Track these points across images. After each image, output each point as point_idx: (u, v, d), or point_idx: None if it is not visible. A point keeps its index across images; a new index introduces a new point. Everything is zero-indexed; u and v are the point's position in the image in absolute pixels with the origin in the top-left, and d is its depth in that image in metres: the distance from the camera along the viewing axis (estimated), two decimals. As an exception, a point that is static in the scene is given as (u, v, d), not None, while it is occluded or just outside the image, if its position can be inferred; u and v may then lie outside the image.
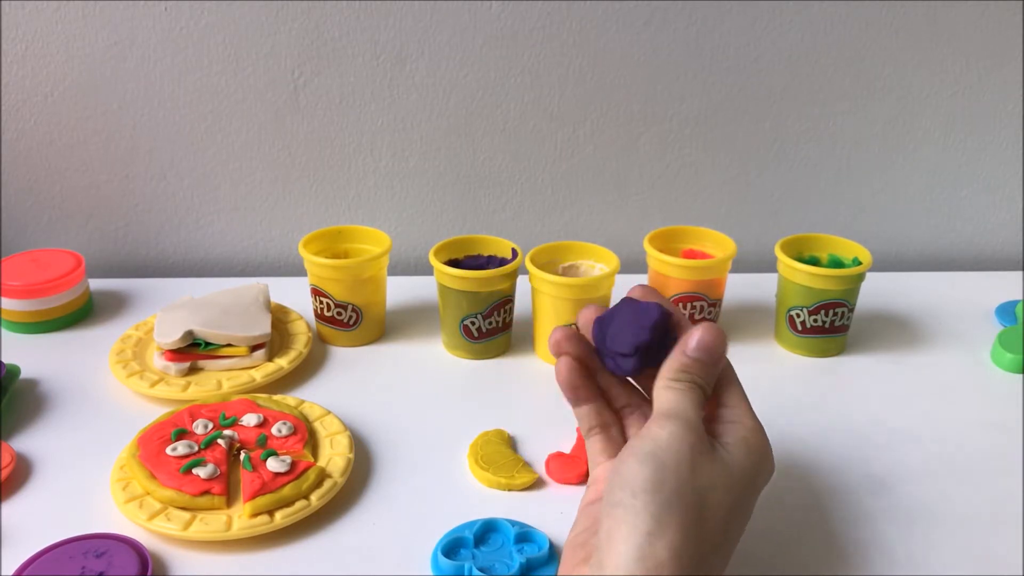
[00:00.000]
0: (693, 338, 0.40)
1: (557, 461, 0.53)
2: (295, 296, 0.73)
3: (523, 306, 0.71)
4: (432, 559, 0.46)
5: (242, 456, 0.51)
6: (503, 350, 0.69)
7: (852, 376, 0.66)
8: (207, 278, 0.82)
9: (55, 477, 0.53)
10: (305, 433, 0.54)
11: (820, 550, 0.48)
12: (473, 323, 0.66)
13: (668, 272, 0.67)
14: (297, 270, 0.84)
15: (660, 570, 0.34)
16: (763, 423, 0.41)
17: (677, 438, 0.37)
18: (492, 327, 0.66)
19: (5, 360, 0.63)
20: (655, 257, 0.67)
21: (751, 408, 0.41)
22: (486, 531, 0.47)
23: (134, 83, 0.76)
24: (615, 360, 0.42)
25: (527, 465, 0.53)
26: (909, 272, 0.85)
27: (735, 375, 0.42)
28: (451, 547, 0.46)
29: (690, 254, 0.70)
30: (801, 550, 0.48)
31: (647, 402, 0.44)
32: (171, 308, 0.65)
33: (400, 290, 0.75)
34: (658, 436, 0.37)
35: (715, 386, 0.41)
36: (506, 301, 0.66)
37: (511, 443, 0.56)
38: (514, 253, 0.67)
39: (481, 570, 0.44)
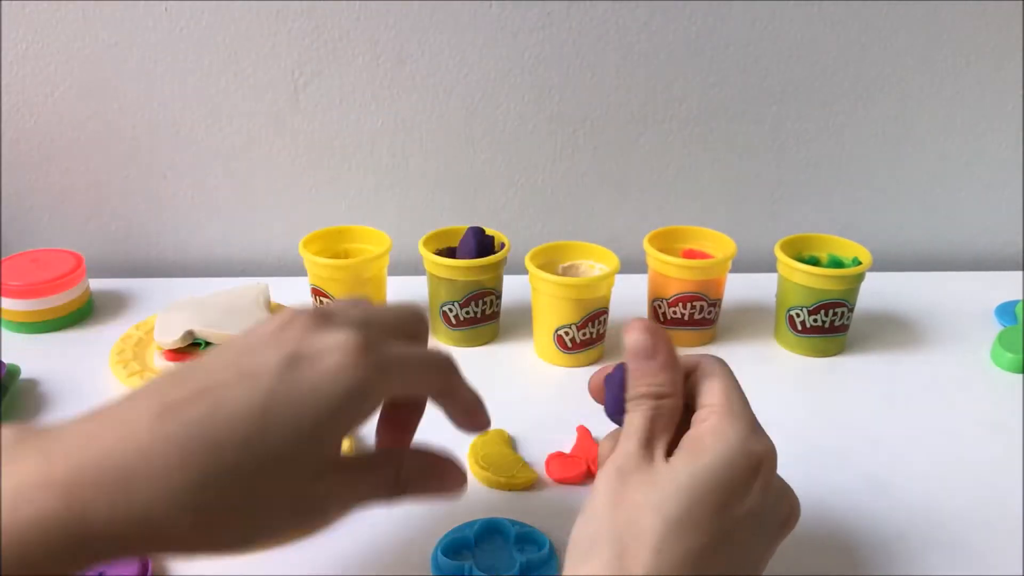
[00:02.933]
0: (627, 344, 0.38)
1: (557, 461, 0.53)
2: (295, 296, 0.73)
3: (523, 306, 0.71)
4: (432, 559, 0.46)
5: (242, 456, 0.51)
6: (485, 340, 0.69)
7: (852, 376, 0.66)
8: (207, 278, 0.82)
9: (55, 477, 0.53)
10: (305, 433, 0.54)
11: (820, 550, 0.48)
12: (451, 310, 0.67)
13: (668, 272, 0.67)
14: (297, 270, 0.83)
15: None
16: (763, 423, 0.41)
17: (603, 478, 0.35)
18: (469, 316, 0.67)
19: (5, 360, 0.63)
20: (655, 257, 0.67)
21: (731, 399, 0.37)
22: (487, 531, 0.47)
23: (134, 83, 0.76)
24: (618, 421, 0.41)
25: (527, 465, 0.54)
26: (909, 272, 0.85)
27: (719, 367, 0.39)
28: (452, 547, 0.46)
29: (690, 254, 0.70)
30: (801, 550, 0.48)
31: None
32: (171, 308, 0.65)
33: (400, 290, 0.75)
34: (595, 482, 0.36)
35: (694, 382, 0.38)
36: (486, 293, 0.66)
37: (511, 443, 0.56)
38: (500, 246, 0.67)
39: (482, 571, 0.44)
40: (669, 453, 0.36)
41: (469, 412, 0.40)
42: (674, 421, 0.37)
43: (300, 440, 0.31)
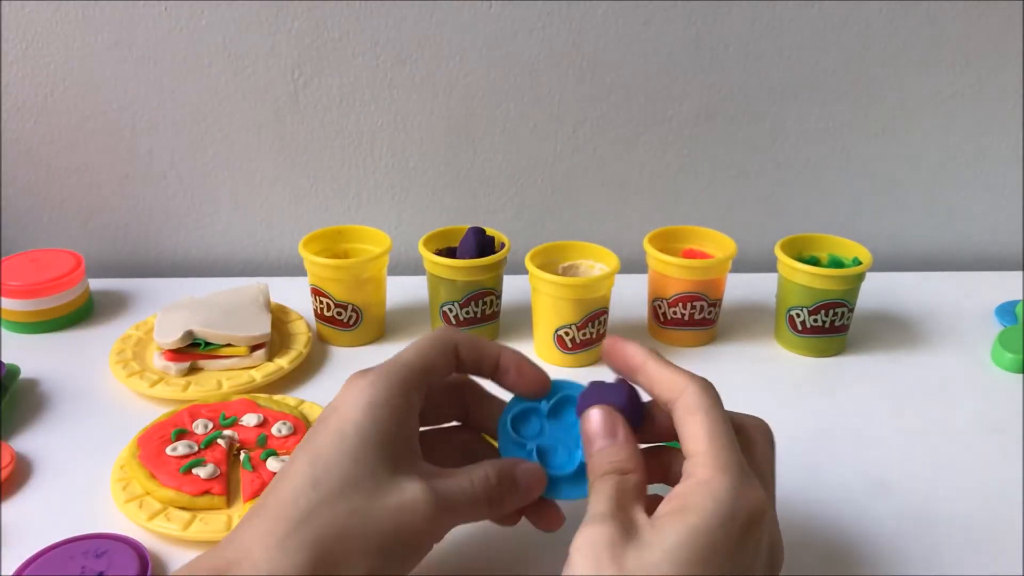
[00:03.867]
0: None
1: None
2: (295, 296, 0.73)
3: (523, 306, 0.71)
4: (500, 425, 0.42)
5: (242, 456, 0.51)
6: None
7: (852, 376, 0.66)
8: (207, 278, 0.82)
9: (55, 477, 0.53)
10: (305, 433, 0.54)
11: (820, 550, 0.48)
12: (451, 310, 0.67)
13: (668, 272, 0.67)
14: (297, 270, 0.84)
15: None
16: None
17: (581, 561, 0.32)
18: (469, 316, 0.67)
19: (5, 360, 0.63)
20: (655, 257, 0.67)
21: (717, 444, 0.35)
22: (560, 405, 0.42)
23: (134, 83, 0.76)
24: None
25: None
26: (909, 272, 0.85)
27: (703, 400, 0.36)
28: (521, 416, 0.42)
29: (690, 254, 0.70)
30: (801, 550, 0.48)
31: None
32: (171, 308, 0.65)
33: (400, 290, 0.75)
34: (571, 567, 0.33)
35: (678, 419, 0.36)
36: (486, 293, 0.66)
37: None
38: (500, 246, 0.67)
39: (540, 453, 0.41)
40: (650, 512, 0.35)
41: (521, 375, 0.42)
42: (643, 494, 0.36)
43: None
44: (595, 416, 0.38)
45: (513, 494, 0.39)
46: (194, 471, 0.49)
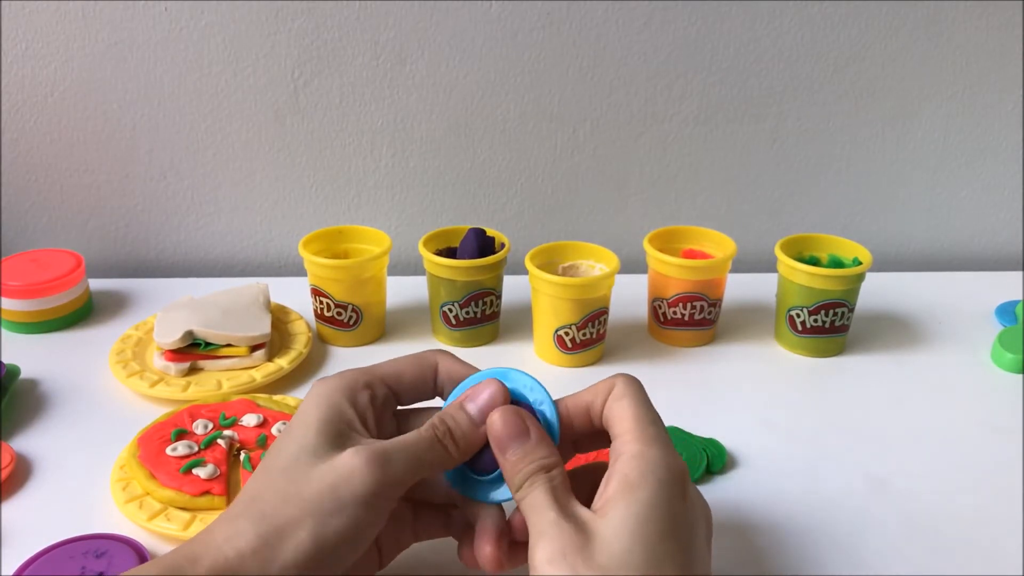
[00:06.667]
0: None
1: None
2: (295, 296, 0.73)
3: (523, 306, 0.71)
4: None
5: (242, 456, 0.51)
6: (485, 341, 0.69)
7: (852, 376, 0.66)
8: (207, 278, 0.82)
9: (55, 477, 0.53)
10: (305, 433, 0.54)
11: (820, 550, 0.48)
12: (451, 310, 0.67)
13: (668, 272, 0.67)
14: (297, 270, 0.84)
15: None
16: (763, 423, 0.40)
17: (546, 566, 0.32)
18: (469, 316, 0.67)
19: (5, 360, 0.63)
20: (655, 257, 0.67)
21: (643, 421, 0.37)
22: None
23: (134, 83, 0.76)
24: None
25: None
26: (909, 272, 0.85)
27: (628, 387, 0.38)
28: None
29: (690, 254, 0.70)
30: (801, 550, 0.48)
31: None
32: (171, 308, 0.65)
33: (400, 290, 0.75)
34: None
35: (606, 408, 0.38)
36: (486, 293, 0.66)
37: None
38: (500, 246, 0.67)
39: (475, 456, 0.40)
40: (586, 503, 0.35)
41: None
42: (568, 484, 0.36)
43: None
44: (498, 419, 0.38)
45: (460, 427, 0.38)
46: (194, 471, 0.49)
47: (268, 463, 0.37)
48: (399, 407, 0.43)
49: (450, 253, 0.68)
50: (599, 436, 0.40)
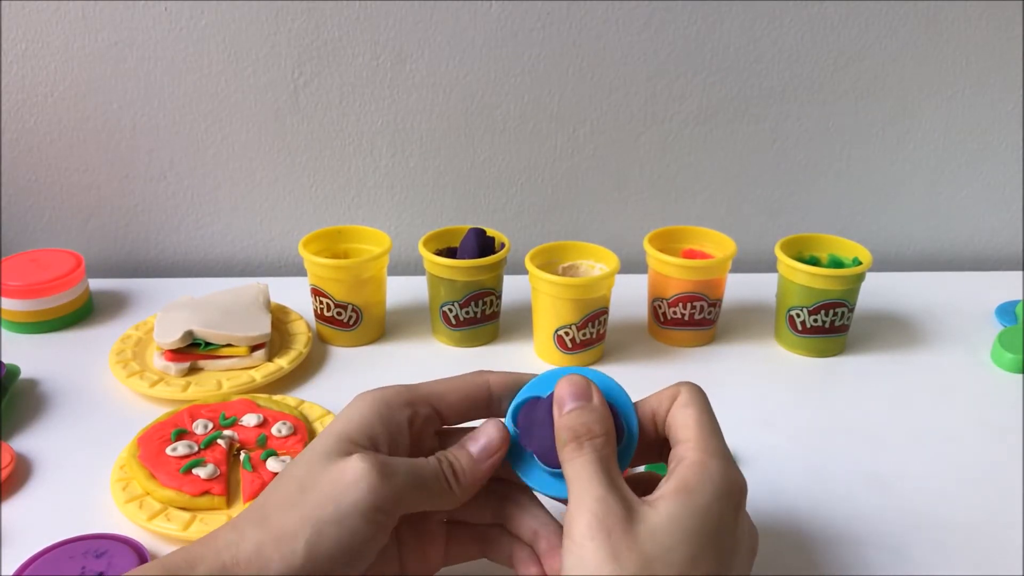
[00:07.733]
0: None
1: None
2: (295, 296, 0.73)
3: (523, 306, 0.71)
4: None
5: (242, 456, 0.51)
6: (486, 340, 0.69)
7: (852, 376, 0.66)
8: (207, 278, 0.82)
9: (55, 477, 0.53)
10: (305, 433, 0.54)
11: (820, 550, 0.48)
12: (451, 310, 0.67)
13: (668, 272, 0.67)
14: (297, 270, 0.84)
15: None
16: (763, 423, 0.41)
17: (589, 536, 0.32)
18: (469, 316, 0.67)
19: (5, 360, 0.63)
20: (655, 257, 0.67)
21: (707, 432, 0.37)
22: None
23: (134, 83, 0.76)
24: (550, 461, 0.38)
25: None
26: (909, 272, 0.85)
27: (694, 396, 0.38)
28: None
29: (690, 254, 0.70)
30: (801, 550, 0.48)
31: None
32: (171, 308, 0.65)
33: (400, 290, 0.75)
34: (574, 545, 0.33)
35: (672, 412, 0.38)
36: (486, 293, 0.66)
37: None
38: (500, 246, 0.67)
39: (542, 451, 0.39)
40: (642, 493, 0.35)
41: None
42: (616, 463, 0.36)
43: None
44: (566, 382, 0.38)
45: (460, 463, 0.38)
46: (194, 471, 0.49)
47: (286, 468, 0.38)
48: (444, 426, 0.42)
49: (450, 253, 0.68)
50: (652, 447, 0.40)
